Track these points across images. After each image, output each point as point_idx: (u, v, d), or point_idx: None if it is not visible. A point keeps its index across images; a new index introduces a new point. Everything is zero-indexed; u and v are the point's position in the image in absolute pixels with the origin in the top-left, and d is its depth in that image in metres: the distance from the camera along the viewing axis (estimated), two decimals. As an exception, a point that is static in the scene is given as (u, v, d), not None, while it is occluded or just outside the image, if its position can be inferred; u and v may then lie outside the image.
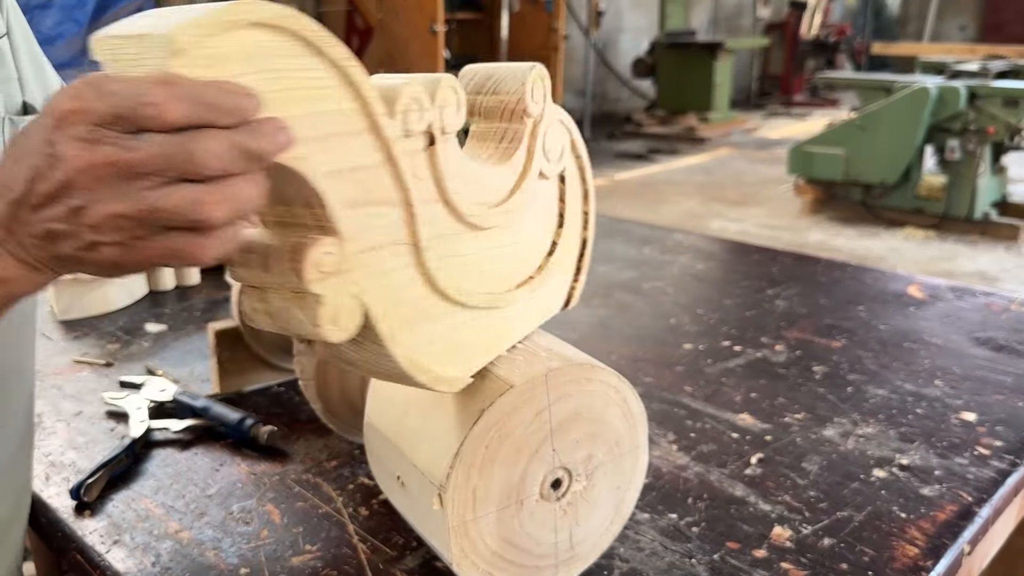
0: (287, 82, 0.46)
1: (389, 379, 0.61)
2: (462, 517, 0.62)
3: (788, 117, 9.64)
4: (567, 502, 0.67)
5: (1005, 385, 1.03)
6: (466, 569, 0.64)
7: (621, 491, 0.70)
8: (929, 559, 0.71)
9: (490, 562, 0.65)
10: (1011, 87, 4.68)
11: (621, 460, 0.69)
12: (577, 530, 0.68)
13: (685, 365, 1.09)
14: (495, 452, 0.62)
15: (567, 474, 0.66)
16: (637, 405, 0.69)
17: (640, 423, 0.69)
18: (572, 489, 0.67)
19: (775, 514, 0.78)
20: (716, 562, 0.71)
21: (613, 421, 0.67)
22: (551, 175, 0.66)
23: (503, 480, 0.63)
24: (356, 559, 0.72)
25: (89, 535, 0.75)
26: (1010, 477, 0.84)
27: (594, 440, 0.67)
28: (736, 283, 1.41)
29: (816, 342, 1.16)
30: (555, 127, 0.66)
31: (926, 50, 7.29)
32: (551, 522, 0.66)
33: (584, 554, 0.70)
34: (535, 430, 0.63)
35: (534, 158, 0.64)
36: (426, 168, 0.56)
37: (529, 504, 0.65)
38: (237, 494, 0.81)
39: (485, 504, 0.63)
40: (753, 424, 0.94)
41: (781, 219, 5.35)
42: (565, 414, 0.64)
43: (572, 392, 0.64)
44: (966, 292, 1.35)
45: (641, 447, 0.70)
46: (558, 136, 0.66)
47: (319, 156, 0.48)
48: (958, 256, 4.61)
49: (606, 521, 0.70)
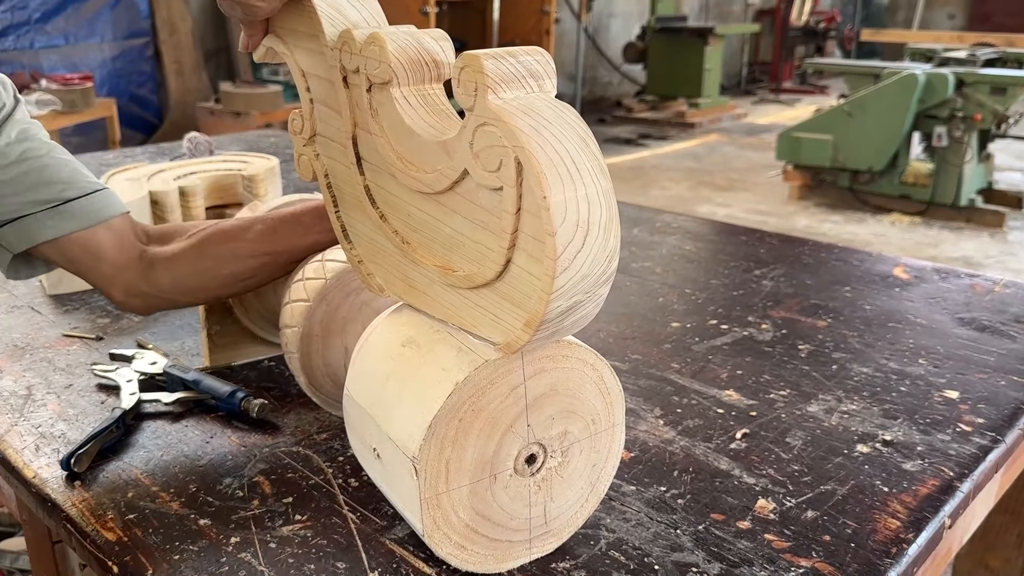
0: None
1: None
2: (435, 489, 0.63)
3: (777, 103, 9.65)
4: (541, 478, 0.67)
5: (987, 364, 1.04)
6: (438, 541, 0.65)
7: (597, 469, 0.70)
8: (910, 532, 0.73)
9: (463, 534, 0.65)
10: (998, 75, 4.71)
11: (597, 438, 0.69)
12: (551, 506, 0.68)
13: (672, 343, 1.10)
14: (469, 425, 0.62)
15: (542, 449, 0.66)
16: (614, 384, 0.68)
17: (617, 402, 0.69)
18: (547, 465, 0.67)
19: (759, 487, 0.79)
20: (701, 532, 0.72)
21: (589, 398, 0.67)
22: (483, 183, 0.56)
23: (477, 453, 0.64)
24: (346, 528, 0.73)
25: (79, 504, 0.76)
26: (991, 453, 0.85)
27: (570, 417, 0.67)
28: (724, 263, 1.42)
29: (802, 321, 1.17)
30: (488, 131, 0.54)
31: (915, 37, 7.31)
32: (525, 497, 0.67)
33: (558, 530, 0.70)
34: (510, 405, 0.63)
35: (458, 154, 0.58)
36: (366, 105, 0.67)
37: (503, 478, 0.65)
38: (228, 465, 0.82)
39: (458, 477, 0.63)
40: (738, 400, 0.95)
41: (769, 204, 5.37)
42: (541, 390, 0.64)
43: (548, 368, 0.64)
44: (951, 274, 1.36)
45: (618, 425, 0.70)
46: (492, 142, 0.54)
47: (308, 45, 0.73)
48: (943, 242, 4.64)
49: (581, 498, 0.70)
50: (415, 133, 0.62)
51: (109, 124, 4.47)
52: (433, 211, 0.63)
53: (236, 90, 4.70)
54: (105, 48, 4.97)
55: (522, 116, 0.53)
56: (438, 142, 0.60)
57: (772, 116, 8.71)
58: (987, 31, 7.95)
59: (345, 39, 0.67)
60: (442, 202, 0.62)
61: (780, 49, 10.48)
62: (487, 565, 0.67)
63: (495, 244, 0.57)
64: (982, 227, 4.89)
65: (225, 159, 1.58)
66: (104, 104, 4.41)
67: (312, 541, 0.71)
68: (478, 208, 0.58)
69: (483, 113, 0.54)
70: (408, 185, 0.64)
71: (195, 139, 1.79)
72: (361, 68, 0.66)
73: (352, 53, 0.66)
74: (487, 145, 0.54)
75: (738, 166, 6.46)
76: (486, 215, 0.57)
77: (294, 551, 0.70)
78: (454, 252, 0.62)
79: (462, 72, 0.55)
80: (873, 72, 5.12)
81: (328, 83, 0.71)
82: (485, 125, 0.54)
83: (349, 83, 0.68)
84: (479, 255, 0.59)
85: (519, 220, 0.54)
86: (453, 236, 0.62)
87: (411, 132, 0.63)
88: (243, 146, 2.12)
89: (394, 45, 0.63)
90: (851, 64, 5.90)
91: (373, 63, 0.64)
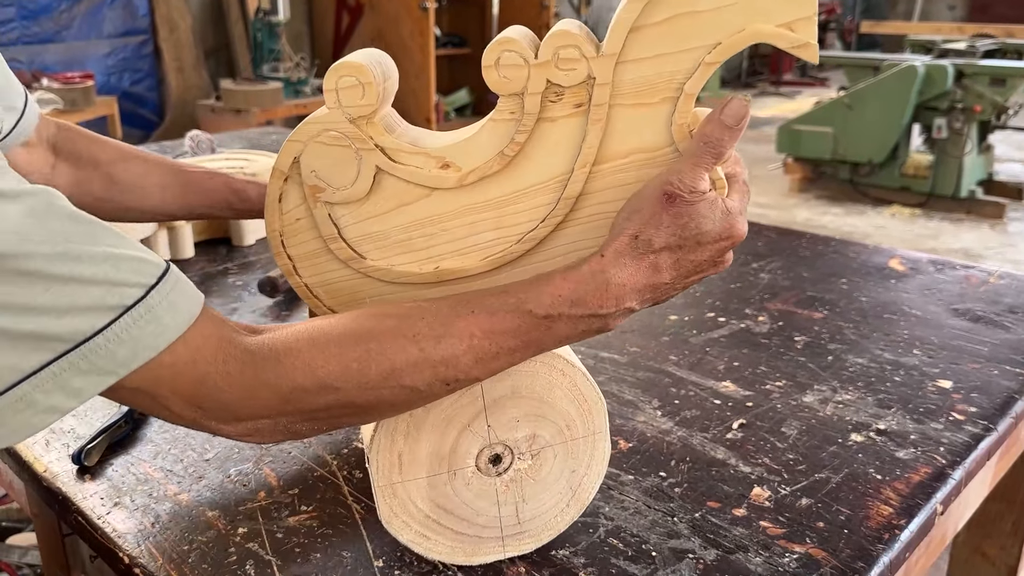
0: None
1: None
2: (389, 479, 0.65)
3: (777, 96, 9.64)
4: (509, 478, 0.68)
5: (981, 354, 1.06)
6: (397, 527, 0.67)
7: (577, 475, 0.70)
8: (903, 518, 0.74)
9: (424, 524, 0.67)
10: (998, 66, 4.71)
11: (575, 444, 0.69)
12: (524, 507, 0.69)
13: (670, 335, 1.12)
14: (421, 420, 0.64)
15: (508, 451, 0.68)
16: (591, 391, 0.68)
17: (596, 410, 0.69)
18: (515, 467, 0.68)
19: (755, 475, 0.81)
20: (697, 520, 0.74)
21: (560, 404, 0.67)
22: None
23: (431, 448, 0.65)
24: (351, 518, 0.75)
25: (90, 498, 0.78)
26: (983, 441, 0.87)
27: (538, 421, 0.67)
28: (722, 257, 1.43)
29: (798, 313, 1.18)
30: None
31: (915, 29, 7.31)
32: (491, 495, 0.68)
33: (535, 532, 0.71)
34: (466, 404, 0.65)
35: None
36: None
37: (464, 475, 0.67)
38: (235, 458, 0.84)
39: (413, 469, 0.65)
40: (735, 391, 0.97)
41: (769, 197, 5.38)
42: (501, 391, 0.65)
43: (508, 371, 0.63)
44: (946, 265, 1.38)
45: (600, 434, 0.70)
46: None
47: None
48: (943, 234, 4.65)
49: (561, 503, 0.71)
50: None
51: (110, 122, 4.48)
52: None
53: (237, 87, 4.71)
54: (102, 45, 4.98)
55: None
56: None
57: (772, 109, 8.71)
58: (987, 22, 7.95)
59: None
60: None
61: (780, 41, 10.45)
62: (455, 556, 0.69)
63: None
64: (982, 218, 4.90)
65: (227, 157, 1.59)
66: (105, 102, 4.42)
67: (318, 531, 0.73)
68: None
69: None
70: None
71: (197, 137, 1.80)
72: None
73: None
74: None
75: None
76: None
77: (300, 541, 0.72)
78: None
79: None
80: (873, 64, 5.13)
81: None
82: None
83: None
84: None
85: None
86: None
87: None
88: (245, 144, 2.14)
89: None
90: (851, 56, 5.91)
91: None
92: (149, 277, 0.51)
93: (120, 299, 0.50)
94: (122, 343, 0.49)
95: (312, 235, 0.64)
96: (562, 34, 0.58)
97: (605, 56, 0.58)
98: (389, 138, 0.62)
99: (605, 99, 0.59)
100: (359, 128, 0.61)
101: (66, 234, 0.49)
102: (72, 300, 0.48)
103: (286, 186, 0.63)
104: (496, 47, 0.58)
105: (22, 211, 0.47)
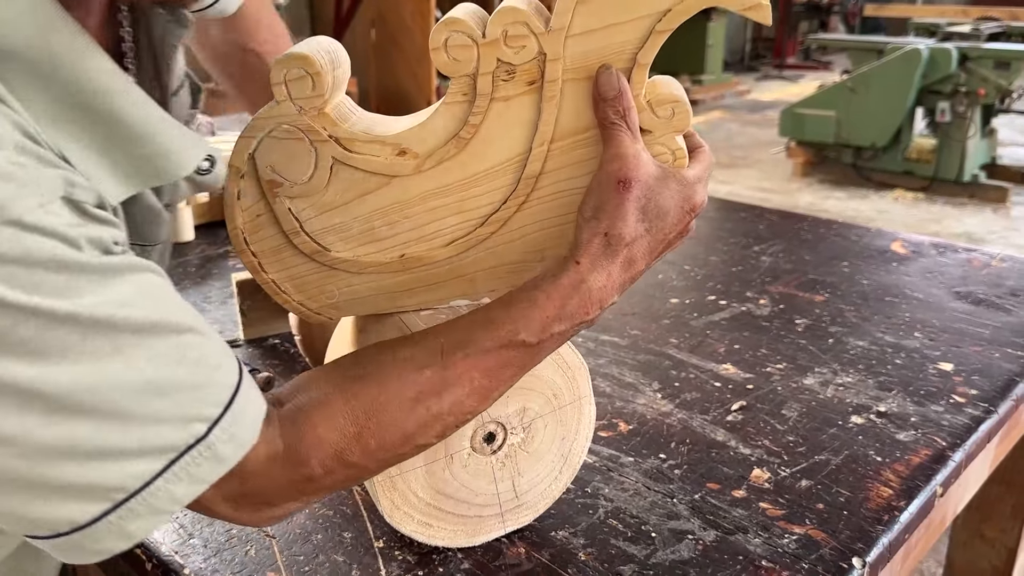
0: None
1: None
2: (387, 472, 0.64)
3: (780, 80, 9.61)
4: (504, 454, 0.69)
5: (982, 337, 1.06)
6: (399, 520, 0.67)
7: (567, 442, 0.71)
8: (902, 500, 0.74)
9: (425, 512, 0.67)
10: (1002, 49, 4.68)
11: (563, 412, 0.70)
12: (520, 480, 0.70)
13: (671, 318, 1.11)
14: None
15: (500, 428, 0.68)
16: (573, 357, 0.69)
17: (579, 375, 0.70)
18: (508, 442, 0.69)
19: (755, 457, 0.81)
20: (697, 501, 0.74)
21: (545, 374, 0.68)
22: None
23: None
24: (352, 500, 0.75)
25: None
26: (983, 424, 0.87)
27: (527, 394, 0.68)
28: (723, 240, 1.43)
29: (799, 296, 1.18)
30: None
31: (919, 12, 7.27)
32: (488, 473, 0.68)
33: (532, 503, 0.71)
34: None
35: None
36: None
37: (460, 457, 0.67)
38: (235, 440, 0.84)
39: (410, 459, 0.64)
40: (735, 374, 0.97)
41: (772, 181, 5.36)
42: None
43: None
44: (948, 248, 1.37)
45: (584, 398, 0.71)
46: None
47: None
48: (946, 218, 4.64)
49: (554, 471, 0.71)
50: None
51: (111, 106, 4.46)
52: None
53: (237, 70, 4.69)
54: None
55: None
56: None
57: (775, 92, 8.67)
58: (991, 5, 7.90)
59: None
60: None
61: (784, 25, 10.41)
62: (457, 539, 0.69)
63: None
64: (985, 202, 4.88)
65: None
66: (106, 86, 4.41)
67: (319, 512, 0.73)
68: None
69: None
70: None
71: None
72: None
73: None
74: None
75: (741, 143, 6.45)
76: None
77: (302, 522, 0.72)
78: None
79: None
80: (876, 47, 5.10)
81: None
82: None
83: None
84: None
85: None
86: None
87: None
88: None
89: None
90: (854, 39, 5.88)
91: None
92: (214, 408, 0.48)
93: (185, 437, 0.47)
94: (179, 481, 0.47)
95: (274, 230, 0.62)
96: (509, 11, 0.57)
97: (554, 31, 0.57)
98: (343, 128, 0.59)
99: (558, 75, 0.58)
100: (311, 120, 0.59)
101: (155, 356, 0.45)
102: (141, 442, 0.45)
103: (243, 183, 0.61)
104: (443, 28, 0.57)
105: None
